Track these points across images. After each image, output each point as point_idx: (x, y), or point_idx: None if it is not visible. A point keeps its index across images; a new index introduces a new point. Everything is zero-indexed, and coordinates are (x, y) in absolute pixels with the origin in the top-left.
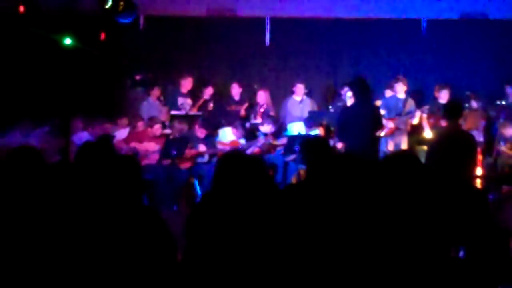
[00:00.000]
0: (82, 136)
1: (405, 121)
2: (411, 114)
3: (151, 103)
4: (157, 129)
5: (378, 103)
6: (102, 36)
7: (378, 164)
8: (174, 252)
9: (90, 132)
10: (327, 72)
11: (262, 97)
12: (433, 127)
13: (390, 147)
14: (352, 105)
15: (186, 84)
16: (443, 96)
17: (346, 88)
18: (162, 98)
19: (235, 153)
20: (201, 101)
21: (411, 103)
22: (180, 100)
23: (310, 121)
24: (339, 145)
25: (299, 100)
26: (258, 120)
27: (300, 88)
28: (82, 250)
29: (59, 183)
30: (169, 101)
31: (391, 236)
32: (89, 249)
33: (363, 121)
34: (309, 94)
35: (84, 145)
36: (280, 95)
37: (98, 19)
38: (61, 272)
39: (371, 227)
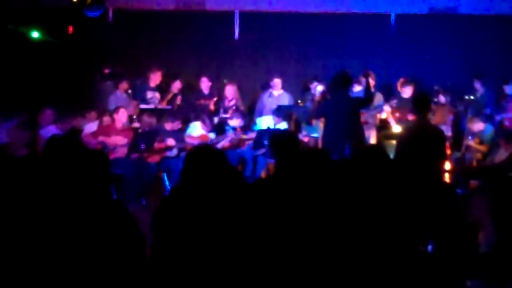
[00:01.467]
0: (50, 129)
1: (374, 115)
2: (379, 108)
3: (119, 97)
4: (122, 113)
5: None
6: (70, 29)
7: (346, 159)
8: (143, 247)
9: (58, 126)
10: (296, 66)
11: (230, 91)
12: (399, 121)
13: None
14: (335, 98)
15: (155, 78)
16: (407, 91)
17: (315, 83)
18: (130, 91)
19: (203, 147)
20: (170, 95)
21: (379, 98)
22: (149, 94)
23: (279, 115)
24: (306, 139)
25: (276, 94)
26: (228, 114)
27: (277, 83)
28: (49, 244)
29: (26, 176)
30: (138, 94)
31: (359, 230)
32: (56, 243)
33: (347, 114)
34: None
35: (51, 138)
36: (249, 89)
37: (66, 12)
38: (27, 267)
39: (339, 222)
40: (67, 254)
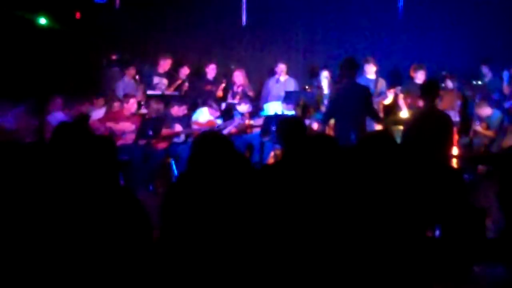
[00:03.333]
0: (58, 116)
1: (377, 102)
2: (383, 94)
3: (127, 83)
4: (132, 104)
5: None
6: (78, 15)
7: (354, 145)
8: (150, 232)
9: (66, 112)
10: (304, 52)
11: (239, 77)
12: (410, 107)
13: None
14: (343, 86)
15: (165, 64)
16: (420, 77)
17: (323, 71)
18: (137, 77)
19: (211, 133)
20: (177, 82)
21: (382, 84)
22: (156, 80)
23: (287, 101)
24: (315, 126)
25: (282, 80)
26: (236, 100)
27: (281, 68)
28: (58, 231)
29: (35, 163)
30: (145, 80)
31: (367, 216)
32: (65, 230)
33: (354, 102)
34: (288, 73)
35: (60, 125)
36: (257, 75)
37: None
38: (37, 253)
39: (346, 208)
40: (75, 241)
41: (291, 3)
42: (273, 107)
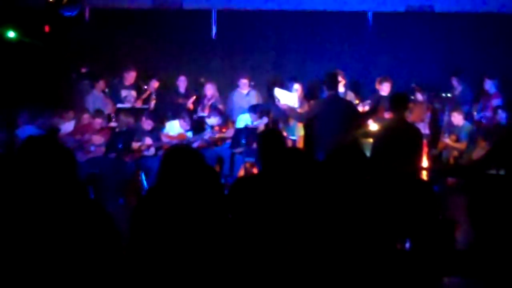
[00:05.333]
0: (27, 129)
1: None
2: None
3: (96, 96)
4: (98, 123)
5: None
6: (47, 29)
7: (323, 158)
8: (119, 246)
9: (35, 125)
10: (273, 65)
11: (210, 90)
12: (376, 119)
13: None
14: (328, 99)
15: (129, 77)
16: (385, 89)
17: (293, 83)
18: (106, 90)
19: (180, 147)
20: (145, 94)
21: (350, 96)
22: (124, 93)
23: (256, 112)
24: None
25: (245, 93)
26: (206, 112)
27: (244, 83)
28: (25, 244)
29: (1, 176)
30: (113, 93)
31: (338, 229)
32: (32, 243)
33: (338, 115)
34: (255, 87)
35: (28, 138)
36: (227, 88)
37: (42, 11)
38: (2, 266)
39: (317, 221)
40: (43, 254)
41: (260, 16)
42: (244, 119)
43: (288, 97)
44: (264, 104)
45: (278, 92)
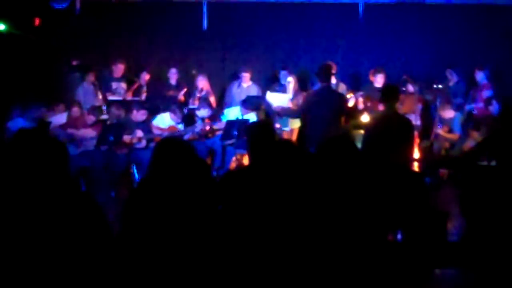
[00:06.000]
0: (18, 122)
1: None
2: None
3: (86, 88)
4: (90, 119)
5: None
6: (37, 21)
7: (315, 149)
8: (110, 238)
9: (26, 118)
10: (265, 56)
11: (202, 82)
12: (370, 111)
13: None
14: (320, 90)
15: (117, 70)
16: (379, 80)
17: (284, 72)
18: (96, 83)
19: (171, 139)
20: (135, 86)
21: (342, 88)
22: (114, 85)
23: (247, 106)
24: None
25: (245, 86)
26: (196, 105)
27: (245, 76)
28: (15, 237)
29: None
30: (103, 85)
31: (329, 221)
32: (22, 236)
33: (330, 106)
34: (250, 78)
35: (19, 131)
36: (218, 80)
37: (32, 4)
38: None
39: (308, 213)
40: (33, 247)
41: (251, 8)
42: (234, 112)
43: (280, 99)
44: (255, 96)
45: (270, 96)
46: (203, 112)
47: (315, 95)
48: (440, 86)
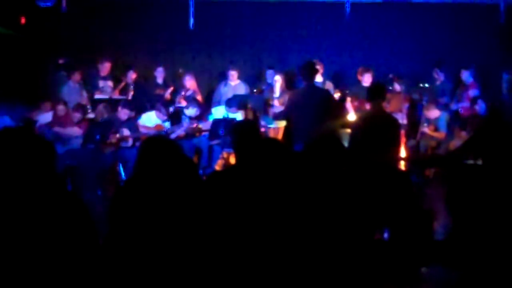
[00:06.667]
0: (3, 121)
1: None
2: None
3: (72, 87)
4: (75, 116)
5: None
6: (23, 20)
7: (302, 148)
8: (96, 238)
9: (12, 117)
10: (251, 55)
11: (189, 81)
12: (357, 110)
13: None
14: (303, 89)
15: (104, 68)
16: (366, 79)
17: (271, 71)
18: (82, 82)
19: (157, 138)
20: (122, 84)
21: (329, 87)
22: (101, 83)
23: (232, 104)
24: (263, 130)
25: (233, 85)
26: (183, 104)
27: (233, 74)
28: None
29: None
30: (90, 83)
31: (316, 220)
32: (7, 236)
33: (314, 104)
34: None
35: (3, 130)
36: (204, 78)
37: (18, 2)
38: None
39: (295, 211)
40: (18, 246)
41: (238, 6)
42: (221, 111)
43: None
44: (242, 94)
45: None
46: (191, 111)
47: (299, 94)
48: (426, 85)
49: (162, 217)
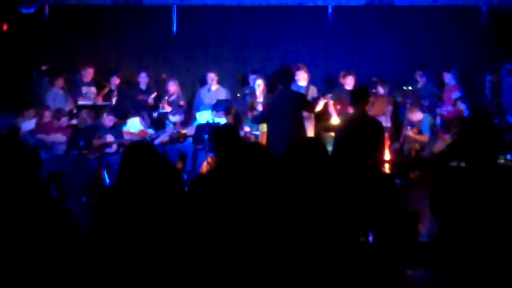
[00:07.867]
0: None
1: None
2: (313, 101)
3: (56, 93)
4: (63, 121)
5: None
6: (5, 26)
7: (285, 152)
8: (80, 244)
9: None
10: (235, 60)
11: (173, 86)
12: (340, 113)
13: None
14: (279, 93)
15: (87, 74)
16: (349, 82)
17: (253, 75)
18: (66, 88)
19: (140, 144)
20: (105, 90)
21: (313, 90)
22: (84, 89)
23: (217, 109)
24: (248, 134)
25: (214, 89)
26: (167, 109)
27: (211, 77)
28: None
29: None
30: (73, 89)
31: (301, 223)
32: None
33: (289, 108)
34: (219, 82)
35: None
36: (189, 84)
37: (0, 9)
38: None
39: (278, 216)
40: (2, 253)
41: (221, 12)
42: (205, 116)
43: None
44: (226, 99)
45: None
46: (177, 117)
47: (275, 98)
48: (410, 88)
49: (144, 223)
